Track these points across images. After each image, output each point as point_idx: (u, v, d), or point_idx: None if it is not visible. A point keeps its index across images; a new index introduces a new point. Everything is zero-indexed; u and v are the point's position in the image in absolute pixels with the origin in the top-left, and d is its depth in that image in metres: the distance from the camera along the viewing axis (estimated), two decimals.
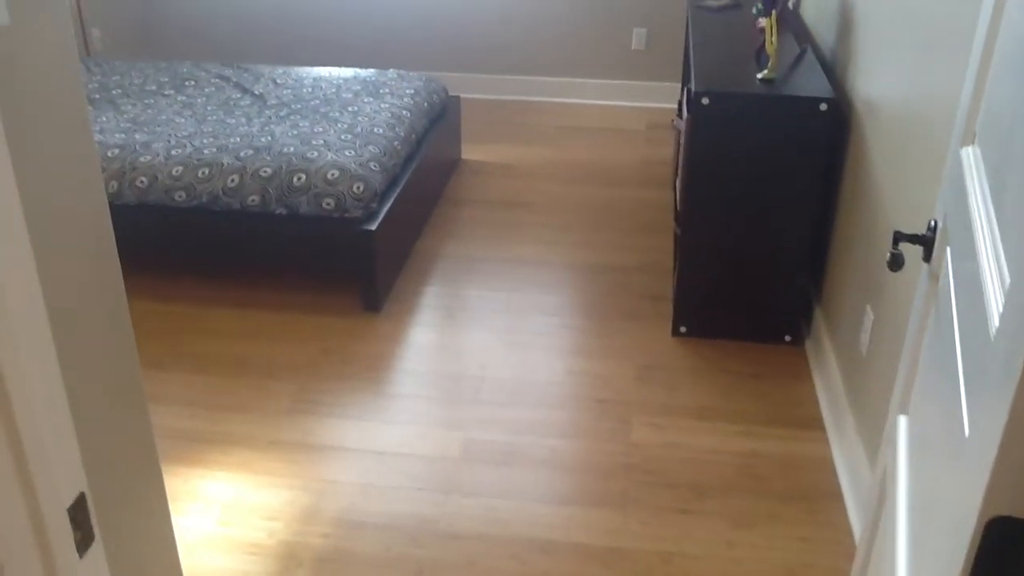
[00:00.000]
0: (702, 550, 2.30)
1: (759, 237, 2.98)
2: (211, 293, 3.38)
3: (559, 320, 3.26)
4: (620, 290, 3.45)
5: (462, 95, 5.51)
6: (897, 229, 2.16)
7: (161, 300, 3.34)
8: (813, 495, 2.48)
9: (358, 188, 3.22)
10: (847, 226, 2.79)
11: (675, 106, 5.31)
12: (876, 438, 2.28)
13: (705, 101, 2.84)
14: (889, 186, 2.36)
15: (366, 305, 3.31)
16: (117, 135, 3.48)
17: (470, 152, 4.68)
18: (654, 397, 2.85)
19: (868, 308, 2.44)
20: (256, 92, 3.99)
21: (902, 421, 1.54)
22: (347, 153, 3.34)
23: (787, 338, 3.12)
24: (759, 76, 2.94)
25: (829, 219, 3.01)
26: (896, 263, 1.49)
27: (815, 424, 2.74)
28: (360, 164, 3.30)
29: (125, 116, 3.72)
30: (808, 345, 3.09)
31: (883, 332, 2.31)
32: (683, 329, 3.16)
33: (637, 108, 5.35)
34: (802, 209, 2.93)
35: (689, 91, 3.04)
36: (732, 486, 2.50)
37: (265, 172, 3.25)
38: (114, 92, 3.98)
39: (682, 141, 3.10)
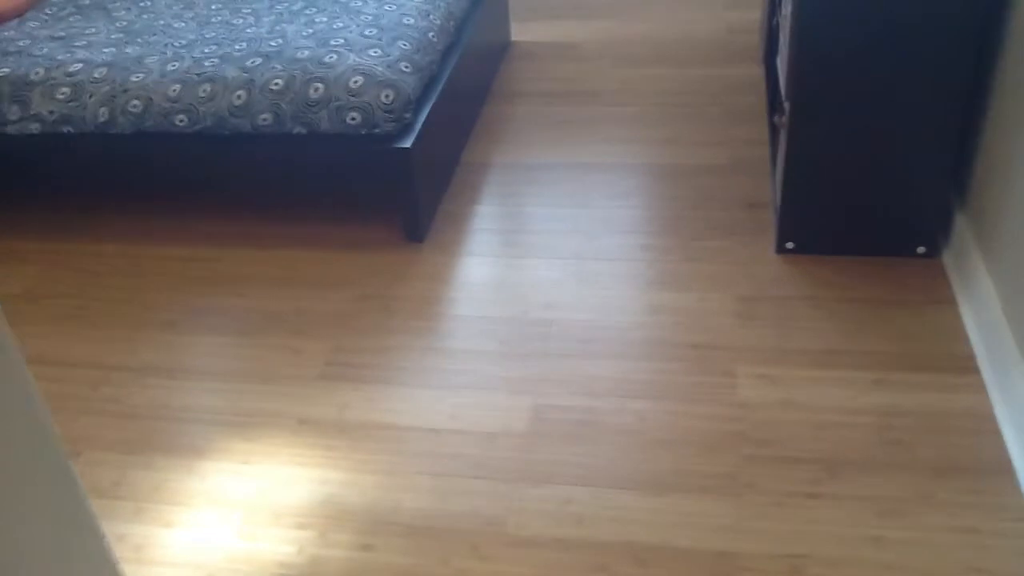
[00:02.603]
0: (841, 551, 1.81)
1: (887, 123, 2.36)
2: (226, 232, 2.91)
3: (638, 240, 2.71)
4: (709, 197, 2.87)
5: None
6: None
7: (168, 244, 2.88)
8: (975, 467, 1.95)
9: (387, 97, 2.67)
10: (1017, 108, 2.15)
11: None
12: None
13: None
14: None
15: (407, 235, 2.81)
16: (106, 50, 2.96)
17: (521, 32, 4.05)
18: (762, 338, 2.32)
19: None
20: None
21: None
22: (372, 53, 2.78)
23: (920, 249, 2.53)
24: None
25: (983, 96, 2.37)
26: None
27: (967, 366, 2.19)
28: (388, 66, 2.73)
29: (117, 25, 3.18)
30: (947, 258, 2.51)
31: None
32: (790, 245, 2.59)
33: None
34: (946, 84, 2.29)
35: None
36: (870, 458, 1.99)
37: (276, 84, 2.72)
38: None
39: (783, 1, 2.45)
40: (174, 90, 2.76)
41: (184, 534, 1.96)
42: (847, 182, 2.47)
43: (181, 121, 2.78)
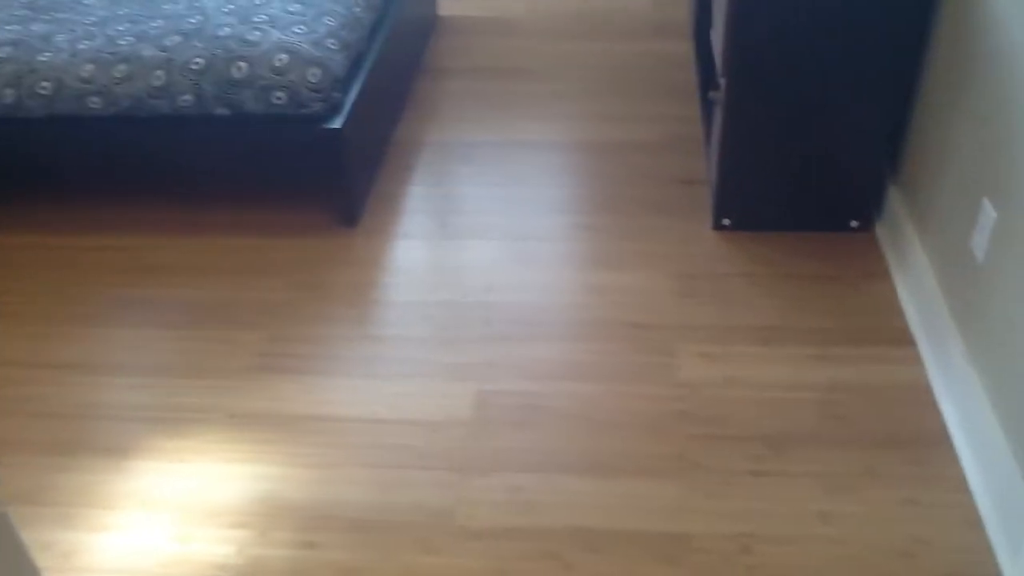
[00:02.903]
0: (789, 528, 1.82)
1: (822, 99, 2.37)
2: (148, 220, 2.78)
3: (574, 219, 2.68)
4: (644, 174, 2.86)
5: None
6: None
7: (88, 233, 2.74)
8: (914, 438, 1.98)
9: (314, 75, 2.58)
10: (948, 82, 2.17)
11: None
12: (998, 368, 1.76)
13: None
14: None
15: (340, 219, 2.73)
16: (9, 28, 2.79)
17: (448, 6, 3.97)
18: (702, 316, 2.32)
19: (986, 203, 1.87)
20: None
21: None
22: (297, 30, 2.67)
23: (853, 223, 2.56)
24: None
25: (918, 70, 2.38)
26: None
27: (904, 339, 2.21)
28: (314, 43, 2.63)
29: (20, 0, 3.01)
30: (880, 232, 2.53)
31: (1014, 237, 1.75)
32: (726, 222, 2.59)
33: None
34: (882, 59, 2.30)
35: None
36: (814, 433, 2.00)
37: (197, 64, 2.60)
38: None
39: None
40: (87, 70, 2.62)
41: (115, 538, 1.88)
42: (782, 158, 2.47)
43: (95, 104, 2.64)
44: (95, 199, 2.88)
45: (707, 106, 3.00)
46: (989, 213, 1.85)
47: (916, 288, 2.24)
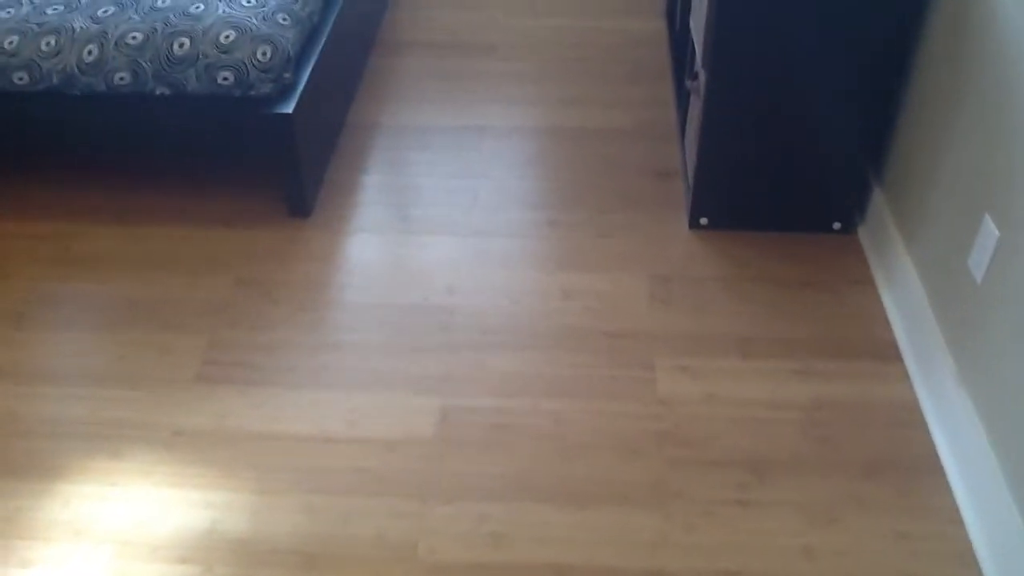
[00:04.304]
0: (773, 564, 1.71)
1: (807, 95, 2.23)
2: (81, 206, 2.56)
3: (541, 214, 2.53)
4: (615, 164, 2.71)
5: None
6: None
7: (14, 219, 2.52)
8: (904, 464, 1.88)
9: (263, 54, 2.37)
10: (942, 83, 2.05)
11: None
12: (994, 394, 1.67)
13: None
14: None
15: (290, 209, 2.54)
16: None
17: None
18: (679, 324, 2.19)
19: (988, 220, 1.75)
20: None
21: None
22: (245, 3, 2.46)
23: (836, 225, 2.44)
24: None
25: (906, 68, 2.26)
26: None
27: (890, 353, 2.11)
28: (264, 18, 2.42)
29: None
30: (863, 235, 2.42)
31: (1018, 258, 1.64)
32: (704, 221, 2.46)
33: None
34: (869, 56, 2.17)
35: None
36: (798, 457, 1.90)
37: (134, 38, 2.37)
38: None
39: None
40: (10, 42, 2.38)
41: (44, 574, 1.71)
42: (763, 154, 2.34)
43: (21, 79, 2.41)
44: (21, 182, 2.65)
45: (681, 90, 2.86)
46: (991, 231, 1.74)
47: (903, 299, 2.14)
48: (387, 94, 3.02)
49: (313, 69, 2.53)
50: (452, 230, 2.47)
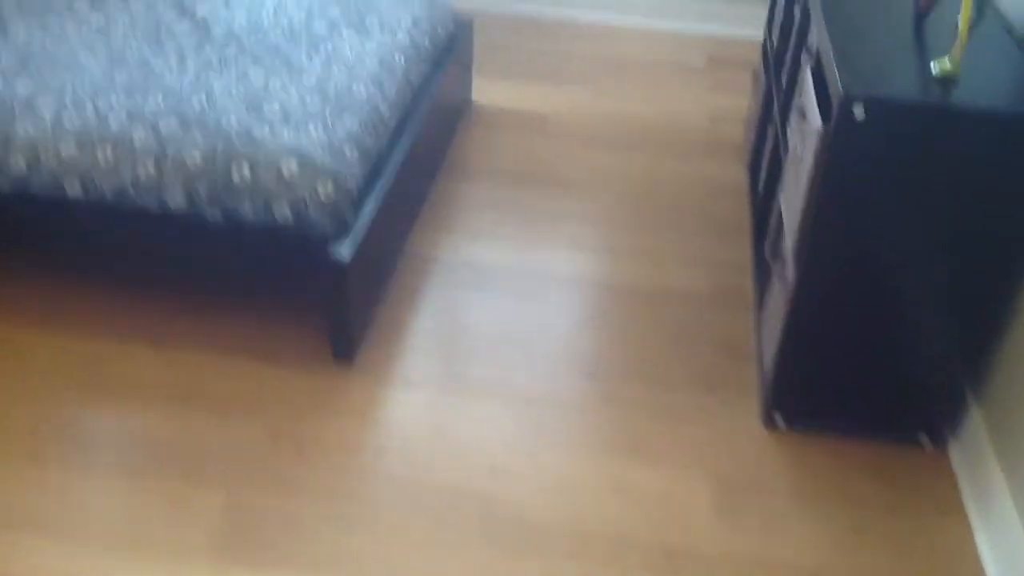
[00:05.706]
0: None
1: (901, 294, 2.03)
2: (118, 326, 2.43)
3: (600, 386, 2.33)
4: (683, 334, 2.51)
5: (471, 11, 4.38)
6: None
7: (42, 331, 2.39)
8: None
9: (326, 189, 2.24)
10: None
11: (757, 33, 4.21)
12: None
13: (860, 114, 1.83)
14: None
15: (335, 351, 2.37)
16: None
17: (482, 92, 3.63)
18: (746, 545, 1.96)
19: None
20: (199, 14, 2.90)
21: None
22: (312, 129, 2.33)
23: (923, 438, 2.21)
24: (934, 70, 1.92)
25: (1013, 273, 2.05)
26: None
27: None
28: (329, 148, 2.29)
29: (12, 44, 2.65)
30: (954, 454, 2.19)
31: None
32: (778, 418, 2.25)
33: (696, 35, 4.24)
34: (972, 258, 1.97)
35: (821, 79, 2.03)
36: None
37: (193, 159, 2.25)
38: (5, 2, 2.89)
39: (808, 157, 2.10)
40: (68, 149, 2.28)
41: None
42: (850, 355, 2.13)
43: (73, 189, 2.30)
44: (57, 291, 2.52)
45: (760, 257, 2.67)
46: None
47: (999, 539, 1.89)
48: (450, 223, 2.87)
49: (376, 208, 2.38)
50: (502, 394, 2.29)
